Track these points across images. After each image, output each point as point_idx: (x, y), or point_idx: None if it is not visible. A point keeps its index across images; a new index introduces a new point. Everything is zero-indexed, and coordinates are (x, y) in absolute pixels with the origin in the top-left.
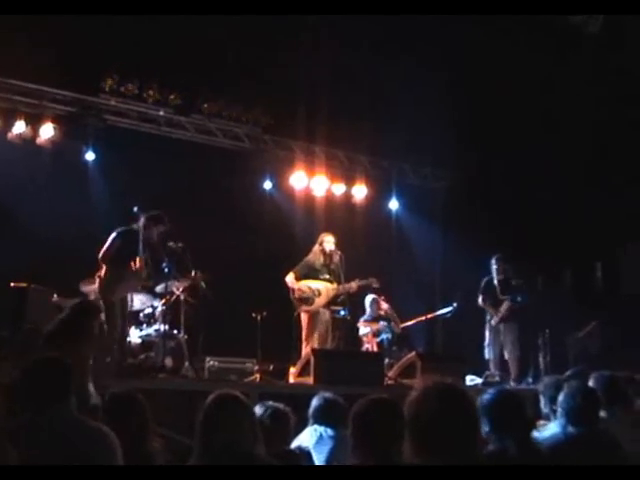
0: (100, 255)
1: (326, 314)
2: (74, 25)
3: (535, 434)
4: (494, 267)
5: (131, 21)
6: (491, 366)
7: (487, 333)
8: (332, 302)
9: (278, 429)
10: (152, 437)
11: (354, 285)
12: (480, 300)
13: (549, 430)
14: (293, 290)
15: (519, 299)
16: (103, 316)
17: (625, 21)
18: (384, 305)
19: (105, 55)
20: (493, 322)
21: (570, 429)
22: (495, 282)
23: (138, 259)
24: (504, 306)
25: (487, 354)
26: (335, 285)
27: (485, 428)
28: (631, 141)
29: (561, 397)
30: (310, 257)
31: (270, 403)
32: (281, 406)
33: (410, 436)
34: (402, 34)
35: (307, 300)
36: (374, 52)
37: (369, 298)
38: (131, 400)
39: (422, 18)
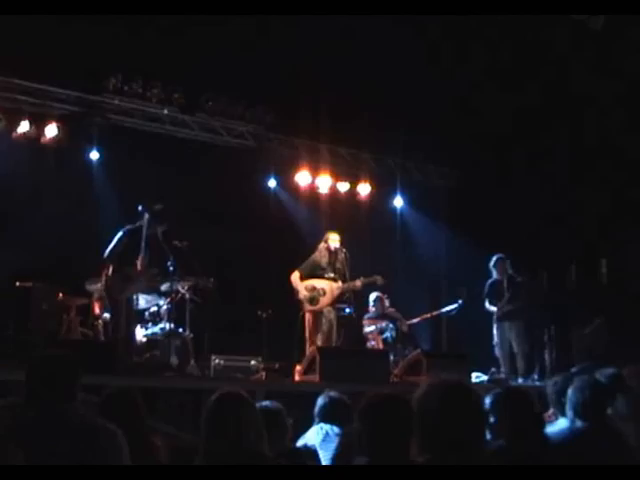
0: (106, 253)
1: (331, 313)
2: (77, 24)
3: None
4: (495, 267)
5: (134, 20)
6: (501, 363)
7: (495, 332)
8: (337, 300)
9: (270, 429)
10: (150, 434)
11: (358, 283)
12: (487, 304)
13: (558, 425)
14: (298, 290)
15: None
16: (108, 315)
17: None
18: (387, 303)
19: (108, 54)
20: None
21: (578, 423)
22: (497, 282)
23: (141, 258)
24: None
25: (497, 352)
26: (340, 283)
27: (492, 424)
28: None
29: (570, 391)
30: (315, 255)
31: (262, 403)
32: (272, 404)
33: (417, 433)
34: (406, 31)
35: (312, 300)
36: (378, 49)
37: (373, 296)
38: (127, 398)
39: (425, 16)
